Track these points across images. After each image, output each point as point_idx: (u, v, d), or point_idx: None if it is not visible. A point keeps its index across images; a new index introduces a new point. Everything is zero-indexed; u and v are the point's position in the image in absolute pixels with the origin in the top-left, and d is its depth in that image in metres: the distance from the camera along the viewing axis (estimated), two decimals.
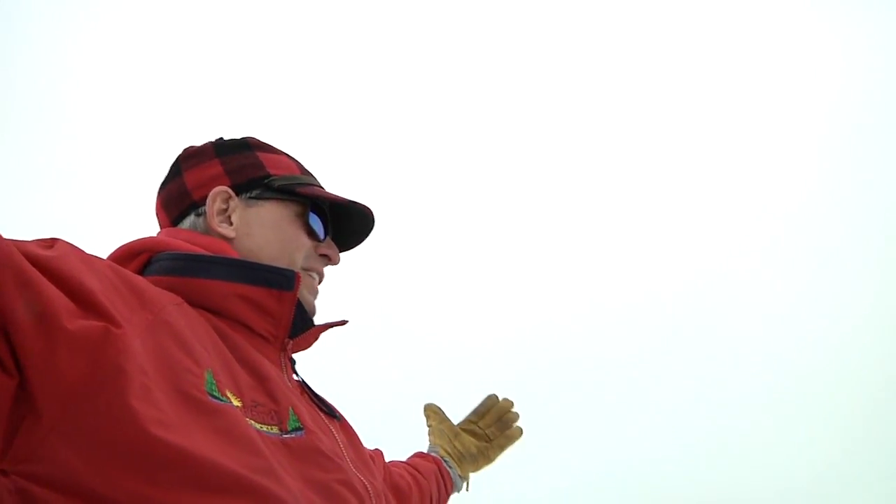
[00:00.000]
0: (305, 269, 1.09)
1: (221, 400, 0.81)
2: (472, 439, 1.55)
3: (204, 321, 0.91)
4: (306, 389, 1.07)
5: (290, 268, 1.03)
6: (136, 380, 0.72)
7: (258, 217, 1.07)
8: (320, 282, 1.14)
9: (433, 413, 1.58)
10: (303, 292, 1.05)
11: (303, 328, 1.04)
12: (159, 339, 0.80)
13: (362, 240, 1.23)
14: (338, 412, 1.12)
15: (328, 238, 1.15)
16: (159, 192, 1.13)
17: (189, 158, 1.12)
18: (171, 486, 0.71)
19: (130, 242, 1.01)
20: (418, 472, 1.42)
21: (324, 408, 1.07)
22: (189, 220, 1.07)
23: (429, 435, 1.55)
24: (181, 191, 1.09)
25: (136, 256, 0.99)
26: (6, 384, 0.69)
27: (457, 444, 1.53)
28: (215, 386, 0.82)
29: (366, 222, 1.20)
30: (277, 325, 0.99)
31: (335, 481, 0.90)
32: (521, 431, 1.60)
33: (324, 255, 1.13)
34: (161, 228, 1.11)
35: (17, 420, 0.70)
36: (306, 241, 1.10)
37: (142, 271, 0.98)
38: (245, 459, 0.77)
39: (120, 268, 0.87)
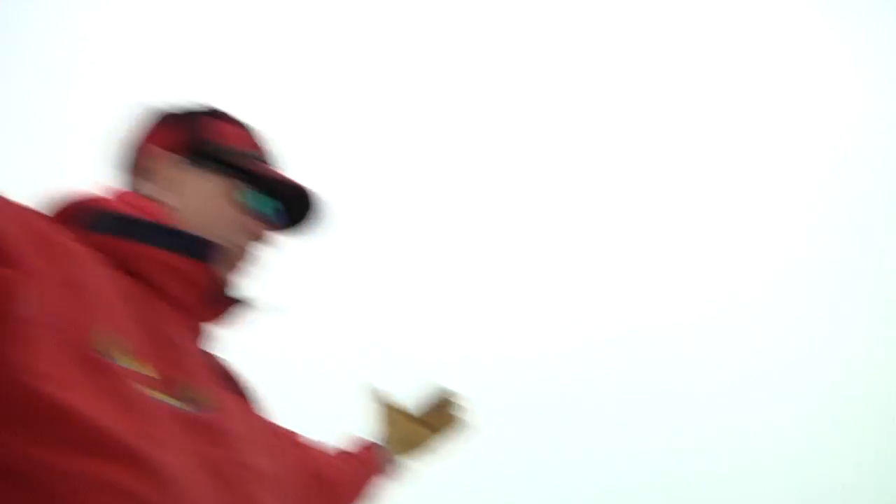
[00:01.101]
0: (230, 243, 1.07)
1: (118, 361, 0.79)
2: (414, 426, 1.51)
3: (120, 282, 0.90)
4: (218, 364, 1.07)
5: (213, 239, 1.02)
6: (20, 328, 0.69)
7: (196, 185, 1.08)
8: (251, 260, 1.12)
9: (379, 397, 1.55)
10: (221, 265, 1.04)
11: (221, 302, 1.05)
12: (62, 291, 0.78)
13: (315, 227, 1.20)
14: (248, 389, 1.11)
15: (260, 215, 1.12)
16: (113, 150, 1.15)
17: (147, 120, 1.14)
18: (46, 444, 0.68)
19: (73, 195, 0.99)
20: (347, 462, 1.40)
21: (234, 384, 1.07)
22: (133, 181, 1.10)
23: (372, 420, 1.53)
24: (131, 151, 1.13)
25: (74, 209, 0.97)
26: None
27: (398, 429, 1.50)
28: (115, 346, 0.80)
29: (316, 208, 1.17)
30: (190, 293, 0.99)
31: (230, 461, 0.89)
32: (463, 422, 1.55)
33: (252, 232, 1.11)
34: (109, 186, 1.10)
35: None
36: (235, 216, 1.09)
37: (77, 226, 0.96)
38: (130, 424, 0.74)
39: (39, 215, 0.86)
